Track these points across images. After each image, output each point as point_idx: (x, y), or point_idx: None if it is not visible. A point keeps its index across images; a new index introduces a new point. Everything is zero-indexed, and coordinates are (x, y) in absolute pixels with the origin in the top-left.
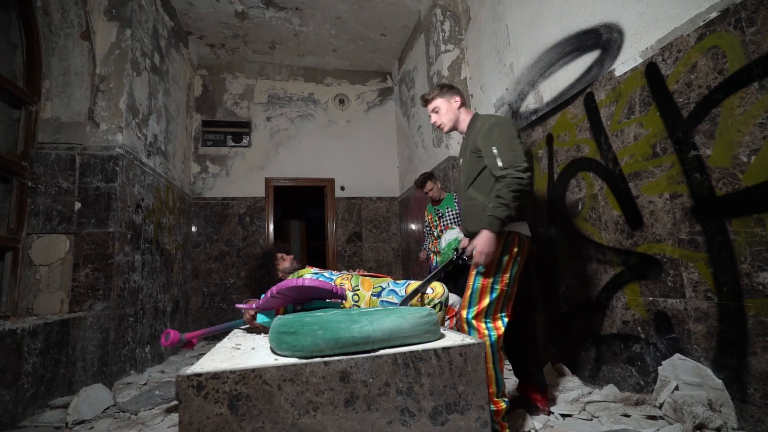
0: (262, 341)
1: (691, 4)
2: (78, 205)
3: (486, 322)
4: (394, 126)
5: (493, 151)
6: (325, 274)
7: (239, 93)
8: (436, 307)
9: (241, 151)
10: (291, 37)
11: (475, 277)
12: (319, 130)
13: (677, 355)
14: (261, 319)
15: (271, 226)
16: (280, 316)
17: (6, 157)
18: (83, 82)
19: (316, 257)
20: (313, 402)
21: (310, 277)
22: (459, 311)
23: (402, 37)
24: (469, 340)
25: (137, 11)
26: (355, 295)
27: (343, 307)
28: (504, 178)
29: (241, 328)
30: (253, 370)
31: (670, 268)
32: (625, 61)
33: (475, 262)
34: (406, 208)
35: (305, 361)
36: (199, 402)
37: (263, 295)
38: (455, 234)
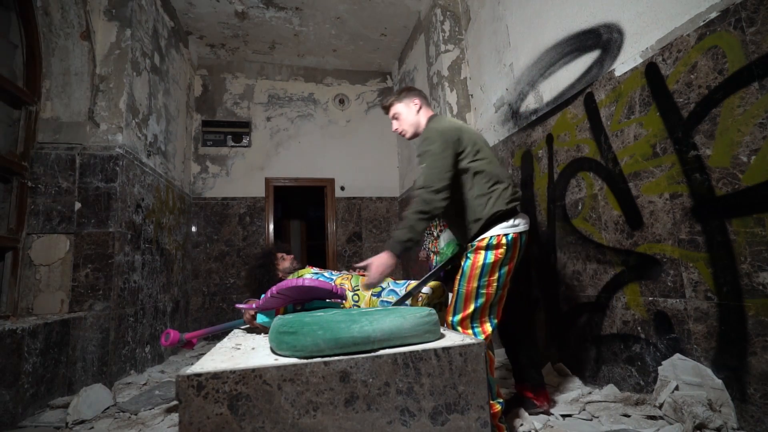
0: (262, 341)
1: (691, 4)
2: (78, 205)
3: (473, 327)
4: None
5: (421, 166)
6: (325, 274)
7: (239, 93)
8: (436, 307)
9: (241, 151)
10: (291, 37)
11: (459, 282)
12: (319, 130)
13: (677, 355)
14: (261, 319)
15: (271, 226)
16: (280, 316)
17: (6, 157)
18: (83, 82)
19: (316, 257)
20: (313, 402)
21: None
22: (445, 316)
23: (402, 37)
24: (469, 340)
25: (137, 11)
26: (355, 295)
27: (343, 307)
28: (417, 192)
29: (241, 328)
30: (253, 370)
31: (670, 268)
32: (625, 61)
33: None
34: (406, 208)
35: (305, 361)
36: (199, 402)
37: (263, 295)
38: (449, 237)
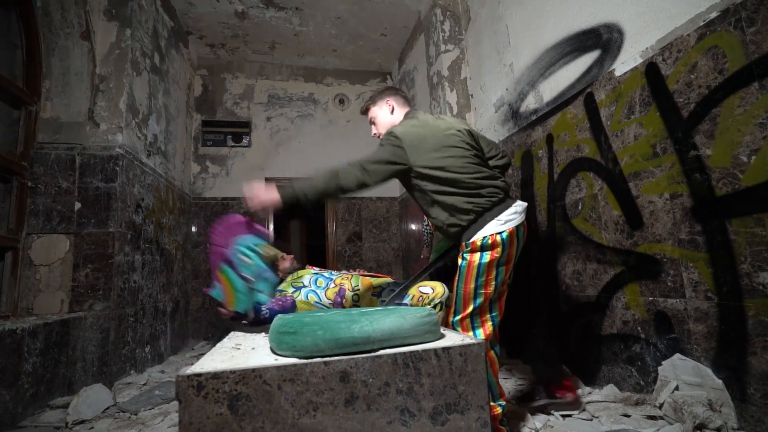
0: (262, 341)
1: (691, 4)
2: (78, 205)
3: (474, 327)
4: None
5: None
6: (325, 273)
7: (239, 93)
8: (437, 307)
9: (241, 151)
10: (291, 37)
11: (457, 283)
12: (319, 130)
13: (677, 355)
14: (214, 293)
15: (271, 226)
16: (280, 316)
17: (6, 157)
18: (83, 82)
19: (316, 257)
20: (313, 402)
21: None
22: (446, 316)
23: (402, 37)
24: (469, 340)
25: (137, 11)
26: (355, 295)
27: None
28: (344, 170)
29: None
30: (253, 370)
31: (670, 268)
32: (625, 61)
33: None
34: (406, 208)
35: (305, 361)
36: (199, 402)
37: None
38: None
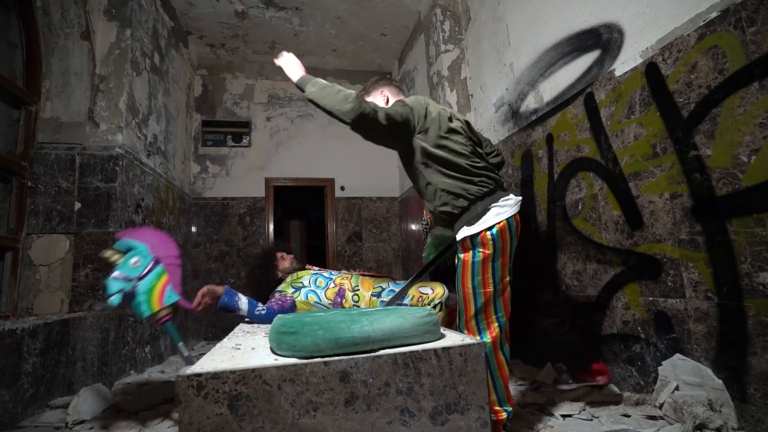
0: (262, 341)
1: (691, 4)
2: (78, 205)
3: (480, 329)
4: None
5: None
6: (325, 273)
7: (239, 93)
8: (437, 307)
9: (241, 151)
10: (291, 37)
11: (456, 285)
12: (319, 130)
13: (677, 355)
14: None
15: (271, 226)
16: (280, 316)
17: (6, 157)
18: (83, 82)
19: (316, 257)
20: (313, 402)
21: (309, 277)
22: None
23: (402, 37)
24: (469, 340)
25: (137, 11)
26: (355, 296)
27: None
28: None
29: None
30: (253, 370)
31: (670, 268)
32: (625, 61)
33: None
34: (406, 208)
35: (305, 361)
36: (199, 402)
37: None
38: (437, 232)
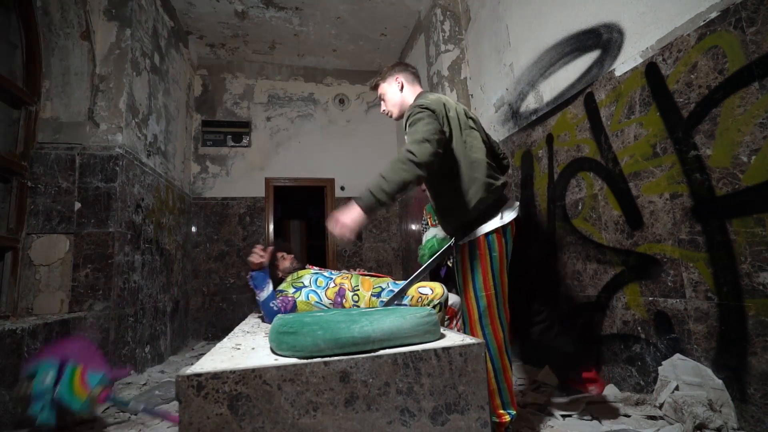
0: (262, 341)
1: (691, 4)
2: (78, 205)
3: (484, 333)
4: (394, 126)
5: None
6: (325, 273)
7: (239, 93)
8: (436, 307)
9: (241, 151)
10: (291, 37)
11: (459, 290)
12: (319, 130)
13: (677, 355)
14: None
15: (271, 226)
16: (279, 316)
17: (6, 157)
18: (83, 82)
19: (316, 257)
20: (313, 402)
21: (309, 277)
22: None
23: (402, 37)
24: (469, 340)
25: (137, 11)
26: (355, 295)
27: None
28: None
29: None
30: (253, 370)
31: (670, 268)
32: (625, 61)
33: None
34: (406, 208)
35: (305, 361)
36: (199, 402)
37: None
38: (432, 233)
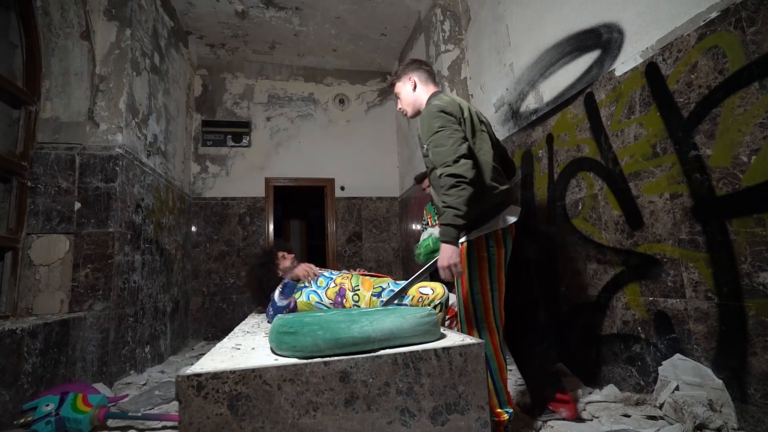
0: (262, 341)
1: (691, 4)
2: (78, 205)
3: (481, 334)
4: (394, 126)
5: (425, 150)
6: (326, 273)
7: (239, 93)
8: (437, 307)
9: (241, 151)
10: (291, 37)
11: (456, 291)
12: (319, 130)
13: (677, 355)
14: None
15: (271, 226)
16: (279, 316)
17: (6, 157)
18: (83, 82)
19: (316, 257)
20: (313, 402)
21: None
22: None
23: (402, 37)
24: (469, 340)
25: (137, 11)
26: (355, 295)
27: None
28: (440, 179)
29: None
30: (253, 370)
31: (670, 268)
32: (626, 61)
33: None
34: (406, 208)
35: (305, 361)
36: (199, 402)
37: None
38: (428, 233)
